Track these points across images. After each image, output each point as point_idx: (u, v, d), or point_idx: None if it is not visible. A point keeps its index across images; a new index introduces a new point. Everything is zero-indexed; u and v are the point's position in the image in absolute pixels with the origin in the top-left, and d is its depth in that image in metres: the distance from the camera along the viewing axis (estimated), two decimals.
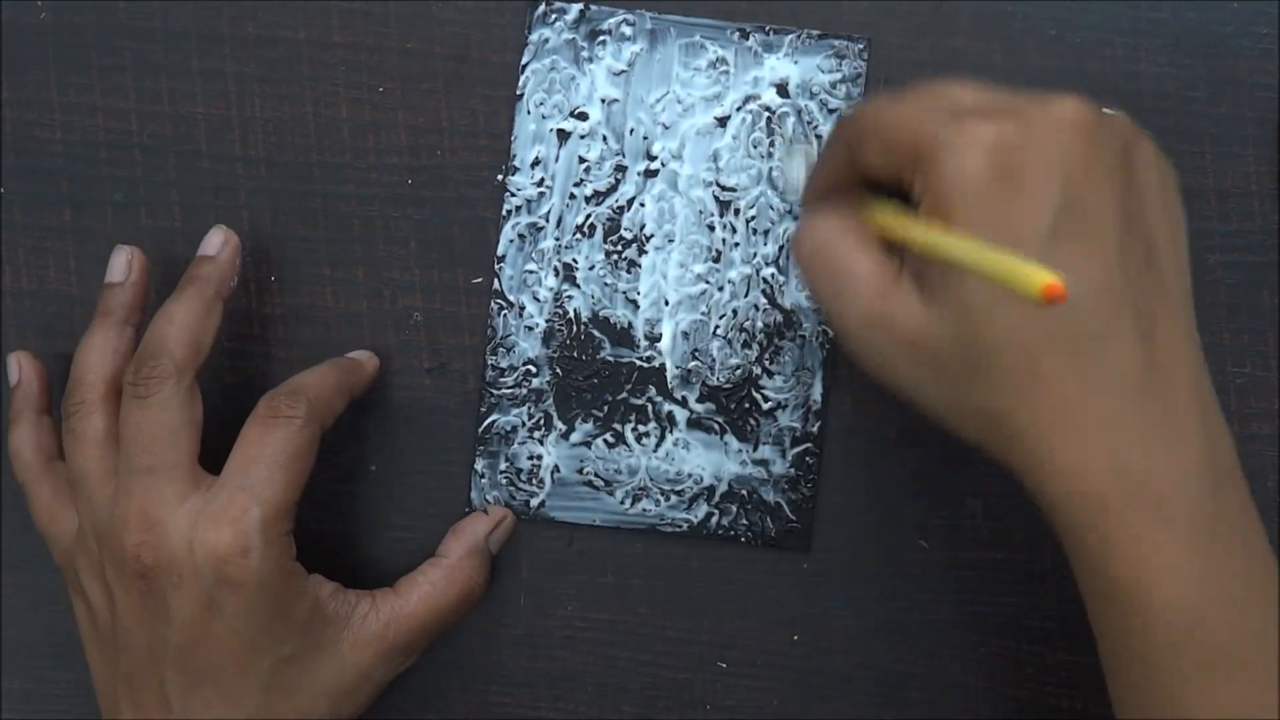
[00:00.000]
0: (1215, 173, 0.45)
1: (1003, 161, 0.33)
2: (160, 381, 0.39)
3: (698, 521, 0.45)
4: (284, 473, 0.39)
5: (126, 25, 0.46)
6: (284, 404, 0.40)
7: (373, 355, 0.45)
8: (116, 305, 0.42)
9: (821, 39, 0.45)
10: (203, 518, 0.38)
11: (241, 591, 0.38)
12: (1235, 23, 0.45)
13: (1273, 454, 0.45)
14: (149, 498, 0.39)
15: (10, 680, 0.46)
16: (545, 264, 0.45)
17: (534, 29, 0.45)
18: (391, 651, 0.41)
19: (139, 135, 0.46)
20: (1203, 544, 0.34)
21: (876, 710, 0.46)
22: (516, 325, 0.45)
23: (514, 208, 0.45)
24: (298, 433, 0.39)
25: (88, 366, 0.41)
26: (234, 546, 0.38)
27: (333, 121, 0.46)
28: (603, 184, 0.45)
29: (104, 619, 0.40)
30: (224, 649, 0.39)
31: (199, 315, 0.41)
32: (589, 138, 0.45)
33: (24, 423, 0.43)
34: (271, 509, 0.39)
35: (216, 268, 0.42)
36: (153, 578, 0.38)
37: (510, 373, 0.45)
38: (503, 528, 0.45)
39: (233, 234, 0.43)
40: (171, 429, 0.39)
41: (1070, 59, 0.45)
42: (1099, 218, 0.33)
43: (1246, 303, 0.45)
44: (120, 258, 0.43)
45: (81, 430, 0.41)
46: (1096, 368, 0.33)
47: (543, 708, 0.46)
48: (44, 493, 0.42)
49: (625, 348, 0.45)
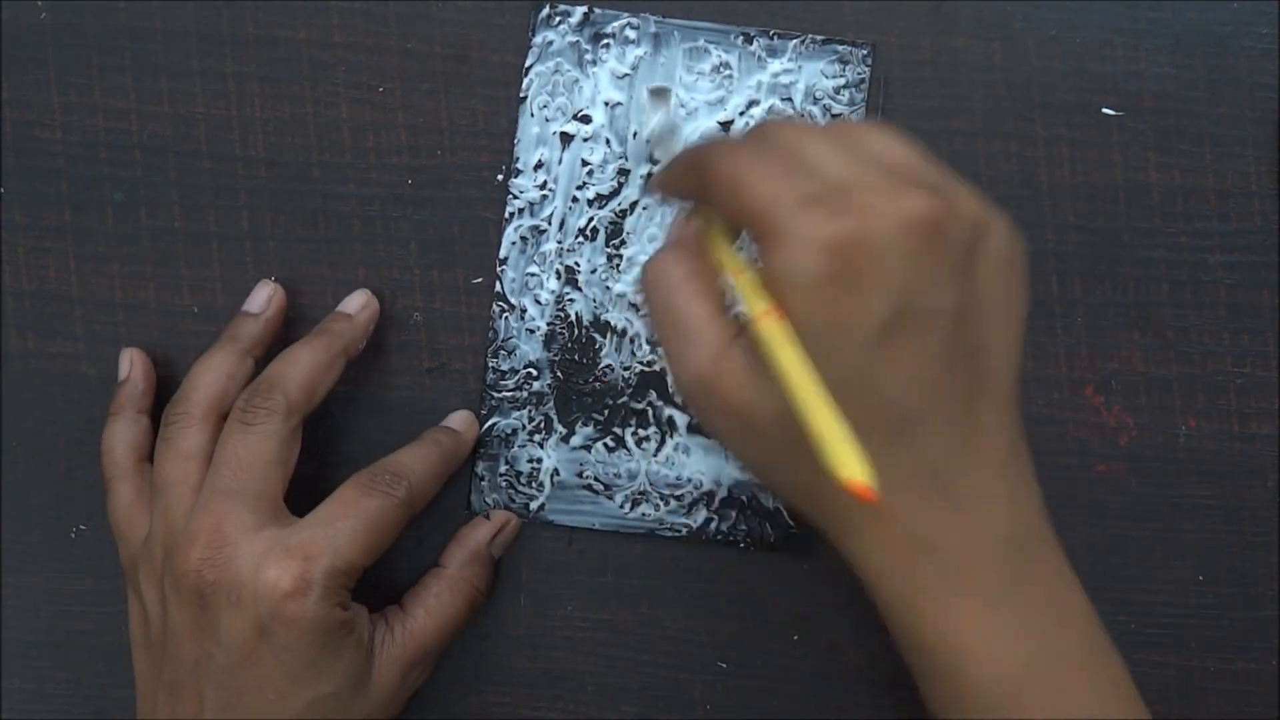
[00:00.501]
0: (1215, 173, 0.45)
1: (841, 262, 0.33)
2: (270, 414, 0.40)
3: (697, 526, 0.45)
4: (366, 536, 0.40)
5: (126, 25, 0.46)
6: (387, 481, 0.41)
7: (473, 421, 0.45)
8: (244, 334, 0.43)
9: (825, 44, 0.45)
10: (277, 547, 0.39)
11: (294, 628, 0.38)
12: (1235, 23, 0.45)
13: (1273, 454, 0.45)
14: (226, 518, 0.39)
15: (10, 680, 0.46)
16: (547, 267, 0.45)
17: (538, 31, 0.45)
18: (410, 669, 0.42)
19: (139, 135, 0.46)
20: (1005, 612, 0.35)
21: (876, 710, 0.46)
22: (518, 328, 0.45)
23: (517, 210, 0.45)
24: (391, 508, 0.40)
25: (199, 383, 0.42)
26: (298, 583, 0.38)
27: (333, 121, 0.45)
28: (605, 187, 0.45)
29: (156, 626, 0.41)
30: (266, 675, 0.39)
31: (322, 365, 0.42)
32: (592, 141, 0.45)
33: (123, 419, 0.44)
34: (342, 562, 0.39)
35: (351, 327, 0.44)
36: (210, 595, 0.39)
37: (511, 375, 0.45)
38: (505, 533, 0.45)
39: (374, 299, 0.45)
40: (267, 461, 0.40)
41: (1070, 59, 0.45)
42: (930, 319, 0.34)
43: (1246, 303, 0.45)
44: (263, 292, 0.44)
45: (177, 441, 0.41)
46: (904, 452, 0.34)
47: (543, 708, 0.46)
48: (127, 491, 0.43)
49: (627, 352, 0.45)
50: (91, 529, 0.46)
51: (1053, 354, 0.45)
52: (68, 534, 0.46)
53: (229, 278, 0.46)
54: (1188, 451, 0.45)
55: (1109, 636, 0.38)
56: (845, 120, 0.44)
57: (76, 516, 0.46)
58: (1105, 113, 0.45)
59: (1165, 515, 0.45)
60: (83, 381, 0.46)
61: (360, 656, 0.40)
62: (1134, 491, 0.45)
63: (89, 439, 0.46)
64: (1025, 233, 0.45)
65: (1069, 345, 0.45)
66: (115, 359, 0.45)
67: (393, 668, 0.41)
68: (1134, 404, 0.45)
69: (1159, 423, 0.45)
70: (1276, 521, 0.45)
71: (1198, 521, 0.46)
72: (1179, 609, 0.45)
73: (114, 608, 0.46)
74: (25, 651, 0.46)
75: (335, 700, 0.40)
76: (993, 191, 0.45)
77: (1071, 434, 0.45)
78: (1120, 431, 0.46)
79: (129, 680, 0.46)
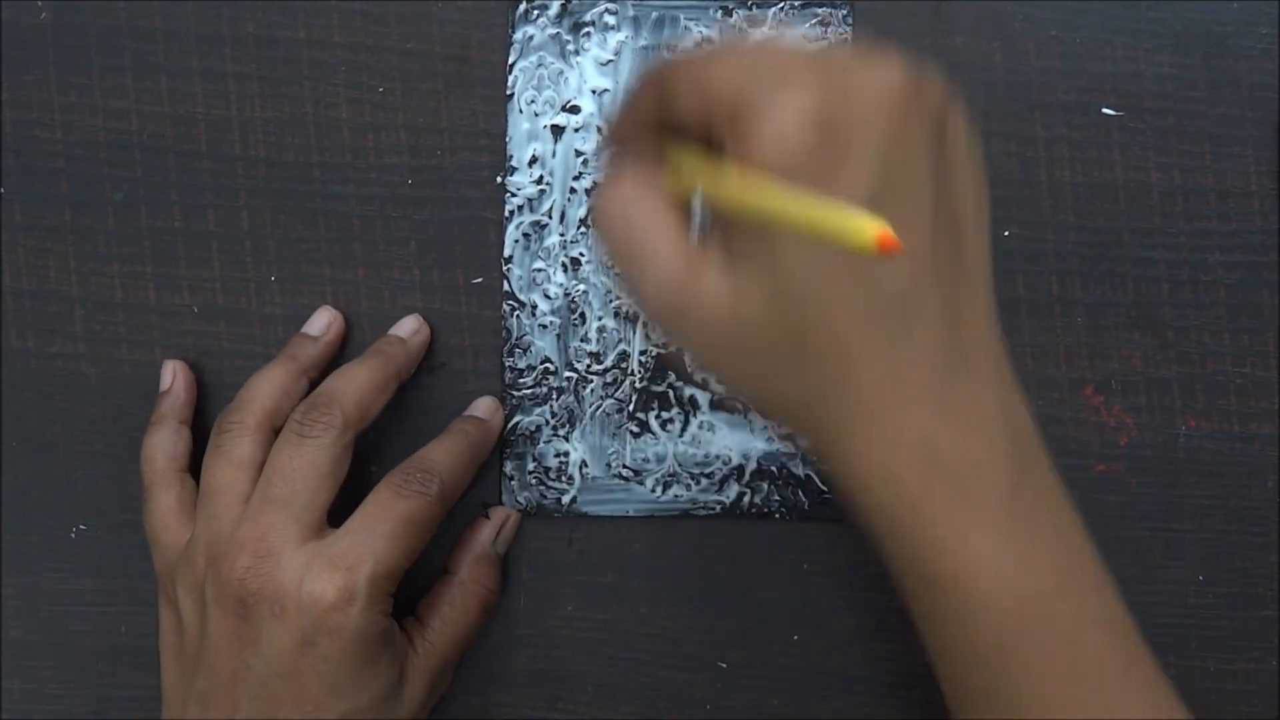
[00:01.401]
0: (1215, 173, 0.45)
1: (823, 127, 0.31)
2: (326, 427, 0.40)
3: (730, 502, 0.45)
4: (406, 539, 0.40)
5: (126, 25, 0.46)
6: (419, 480, 0.41)
7: (497, 407, 0.45)
8: (303, 355, 0.44)
9: (804, 8, 0.45)
10: (319, 559, 0.39)
11: (338, 637, 0.39)
12: (1235, 23, 0.45)
13: (1273, 454, 0.45)
14: (273, 528, 0.39)
15: (10, 680, 0.46)
16: (553, 260, 0.45)
17: (517, 27, 0.45)
18: (434, 678, 0.42)
19: (139, 135, 0.46)
20: (1012, 529, 0.33)
21: (876, 710, 0.46)
22: (530, 324, 0.45)
23: (516, 207, 0.45)
24: (426, 508, 0.40)
25: (256, 395, 0.42)
26: (342, 594, 0.39)
27: (333, 121, 0.45)
28: (601, 175, 0.45)
29: (192, 635, 0.41)
30: (304, 687, 0.39)
31: (377, 385, 0.42)
32: (583, 130, 0.45)
33: (165, 428, 0.44)
34: (384, 568, 0.39)
35: (404, 351, 0.44)
36: (253, 604, 0.39)
37: (529, 372, 0.45)
38: (507, 529, 0.45)
39: (426, 326, 0.45)
40: (320, 473, 0.40)
41: (1070, 59, 0.45)
42: (914, 187, 0.32)
43: (1246, 303, 0.45)
44: (323, 317, 0.45)
45: (229, 449, 0.41)
46: (905, 348, 0.32)
47: (542, 708, 0.46)
48: (166, 499, 0.43)
49: (641, 336, 0.45)
50: (91, 529, 0.46)
51: (1053, 354, 0.45)
52: (68, 534, 0.46)
53: (229, 278, 0.46)
54: (1188, 451, 0.45)
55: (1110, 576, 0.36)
56: None
57: (76, 516, 0.46)
58: (1105, 113, 0.45)
59: (1165, 515, 0.45)
60: (83, 381, 0.46)
61: (396, 669, 0.40)
62: (1134, 491, 0.45)
63: (89, 439, 0.46)
64: (1025, 233, 0.45)
65: (1069, 345, 0.45)
66: (115, 359, 0.46)
67: (420, 680, 0.41)
68: (1134, 404, 0.45)
69: (1159, 423, 0.45)
70: (1276, 521, 0.45)
71: (1198, 521, 0.46)
72: (1179, 609, 0.45)
73: (114, 608, 0.46)
74: (25, 651, 0.46)
75: (368, 713, 0.40)
76: (993, 191, 0.45)
77: (1071, 434, 0.45)
78: (1120, 431, 0.46)
79: (129, 680, 0.46)
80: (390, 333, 0.45)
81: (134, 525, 0.46)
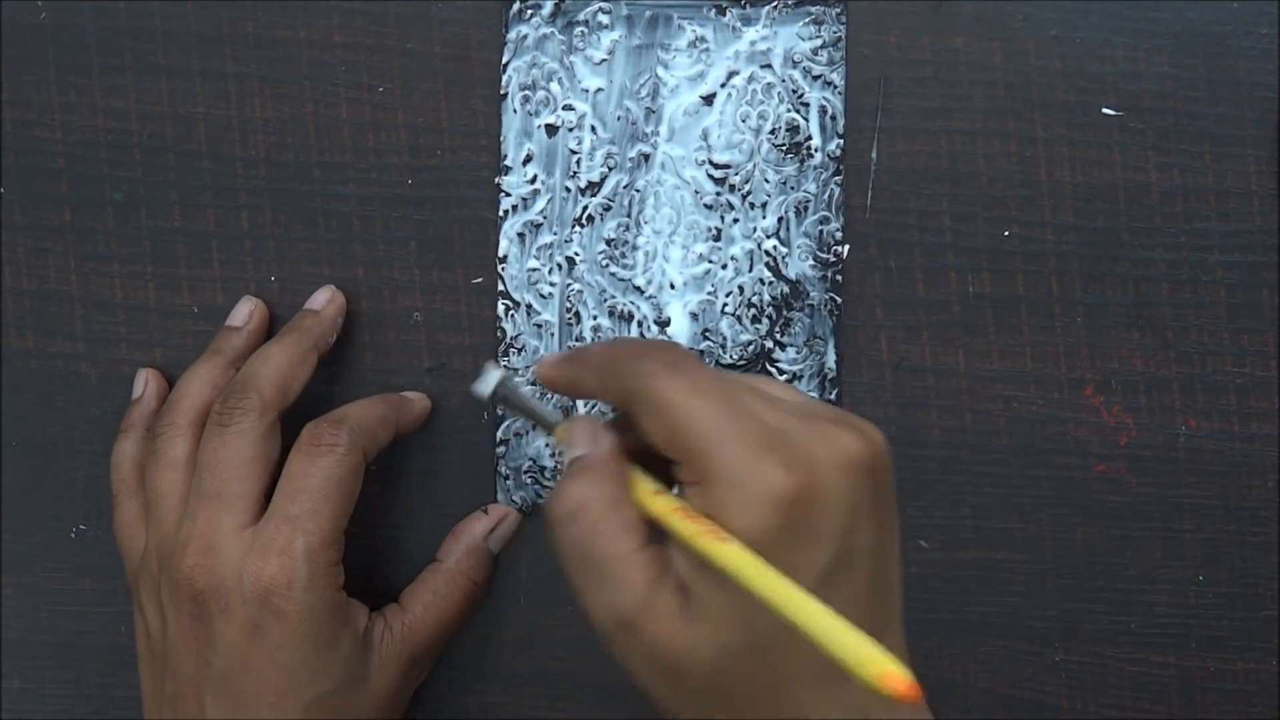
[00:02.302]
0: (1215, 173, 0.45)
1: (794, 515, 0.32)
2: (244, 414, 0.40)
3: None
4: (328, 503, 0.40)
5: (126, 25, 0.46)
6: (326, 433, 0.40)
7: (424, 397, 0.45)
8: (228, 347, 0.44)
9: (798, 6, 0.45)
10: (253, 548, 0.39)
11: (285, 621, 0.39)
12: (1235, 23, 0.45)
13: (1273, 454, 0.45)
14: (210, 524, 0.39)
15: (10, 680, 0.46)
16: (548, 260, 0.45)
17: (511, 27, 0.45)
18: (410, 666, 0.42)
19: (139, 135, 0.46)
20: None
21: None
22: (525, 324, 0.45)
23: (510, 207, 0.45)
24: (339, 461, 0.40)
25: (185, 394, 0.42)
26: (280, 577, 0.39)
27: (333, 121, 0.46)
28: (595, 174, 0.45)
29: (157, 639, 0.41)
30: (263, 677, 0.39)
31: (293, 362, 0.42)
32: (577, 129, 0.45)
33: (132, 437, 0.44)
34: (316, 539, 0.39)
35: (318, 322, 0.44)
36: (203, 601, 0.39)
37: (525, 372, 0.45)
38: (504, 526, 0.45)
39: (339, 294, 0.45)
40: (245, 460, 0.40)
41: (1070, 59, 0.45)
42: (861, 557, 0.34)
43: (1246, 303, 0.45)
44: (245, 307, 0.45)
45: (165, 452, 0.41)
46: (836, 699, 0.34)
47: (542, 708, 0.46)
48: (130, 507, 0.43)
49: (635, 336, 0.45)
50: (91, 529, 0.46)
51: (1053, 354, 0.45)
52: (68, 534, 0.46)
53: (229, 278, 0.46)
54: (1188, 451, 0.45)
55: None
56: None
57: (76, 516, 0.46)
58: (1105, 113, 0.45)
59: (1165, 515, 0.45)
60: (83, 381, 0.46)
61: (357, 651, 0.40)
62: (1134, 491, 0.45)
63: (89, 439, 0.46)
64: (1025, 233, 0.45)
65: (1069, 345, 0.45)
66: (115, 359, 0.46)
67: (393, 665, 0.41)
68: (1134, 404, 0.45)
69: (1159, 423, 0.45)
70: (1276, 521, 0.45)
71: (1198, 521, 0.46)
72: (1179, 609, 0.45)
73: (114, 608, 0.46)
74: (25, 651, 0.46)
75: (335, 698, 0.40)
76: (993, 191, 0.45)
77: (1071, 434, 0.45)
78: (1120, 431, 0.46)
79: (129, 680, 0.46)
80: (305, 306, 0.45)
81: None
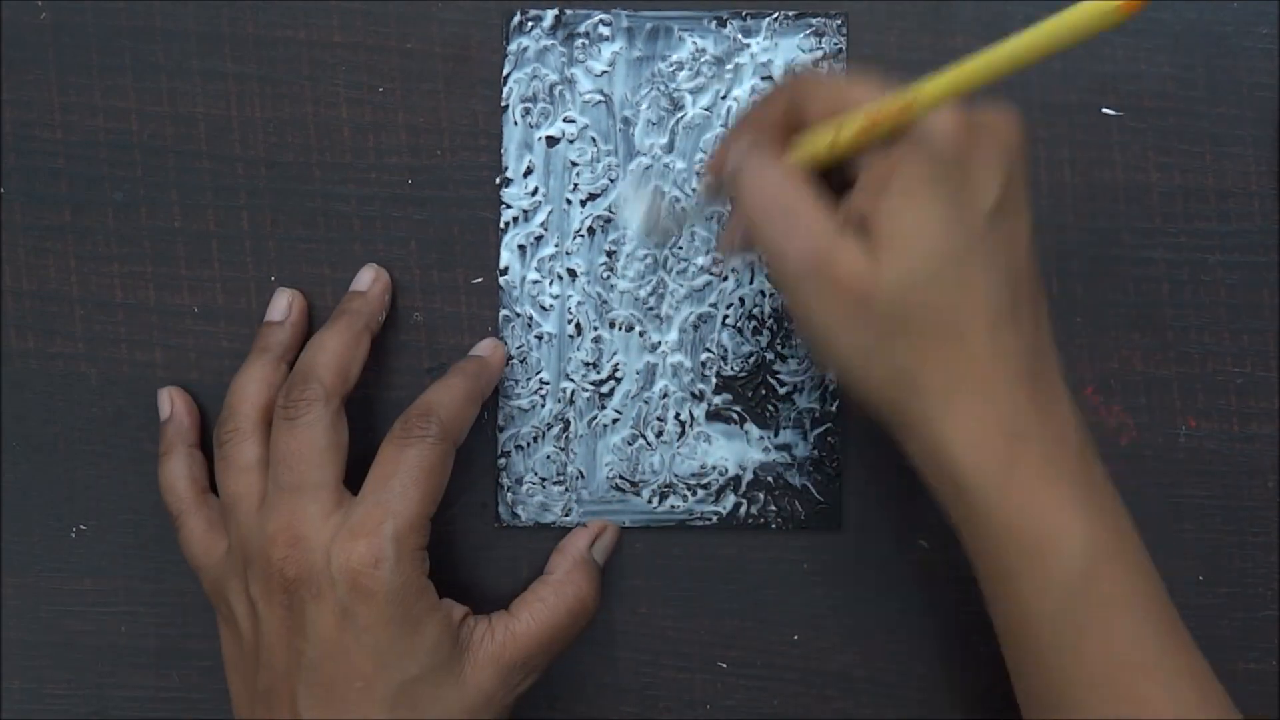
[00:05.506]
0: (1215, 173, 0.45)
1: (973, 139, 0.36)
2: (310, 404, 0.41)
3: (727, 513, 0.45)
4: (417, 488, 0.40)
5: (126, 25, 0.46)
6: (416, 424, 0.41)
7: (498, 343, 0.45)
8: (274, 343, 0.44)
9: (799, 18, 0.45)
10: (341, 532, 0.39)
11: (373, 601, 0.39)
12: (1235, 23, 0.45)
13: (1273, 454, 0.45)
14: (295, 515, 0.40)
15: (10, 680, 0.46)
16: (548, 272, 0.45)
17: (512, 39, 0.45)
18: (510, 670, 0.41)
19: (139, 135, 0.46)
20: (1084, 500, 0.37)
21: (876, 710, 0.46)
22: (525, 336, 0.45)
23: (511, 219, 0.45)
24: (430, 450, 0.41)
25: (243, 397, 0.42)
26: (367, 557, 0.39)
27: (333, 121, 0.46)
28: (596, 186, 0.45)
29: (248, 639, 0.41)
30: (351, 663, 0.39)
31: (348, 345, 0.42)
32: (578, 141, 0.45)
33: (177, 455, 0.44)
34: (404, 522, 0.39)
35: (366, 303, 0.44)
36: (294, 590, 0.39)
37: (525, 383, 0.45)
38: (605, 538, 0.45)
39: (384, 272, 0.45)
40: (318, 449, 0.40)
41: (1070, 59, 0.45)
42: (1024, 209, 0.37)
43: (1246, 303, 0.45)
44: (282, 299, 0.45)
45: (235, 456, 0.42)
46: (1005, 340, 0.37)
47: (542, 708, 0.46)
48: (198, 523, 0.43)
49: (636, 347, 0.45)
50: (91, 529, 0.46)
51: None
52: (68, 534, 0.46)
53: (229, 278, 0.46)
54: (1188, 451, 0.45)
55: None
56: None
57: (76, 516, 0.46)
58: (1105, 113, 0.45)
59: (1165, 515, 0.45)
60: (83, 381, 0.46)
61: (447, 641, 0.40)
62: (1134, 491, 0.45)
63: (89, 439, 0.46)
64: None
65: (1069, 345, 0.45)
66: (115, 359, 0.46)
67: (490, 666, 0.41)
68: (1134, 404, 0.45)
69: (1159, 423, 0.45)
70: (1276, 521, 0.45)
71: (1198, 521, 0.46)
72: (1179, 609, 0.45)
73: (114, 608, 0.46)
74: (25, 651, 0.46)
75: (422, 686, 0.40)
76: None
77: None
78: (1120, 431, 0.46)
79: (129, 680, 0.46)
80: (351, 288, 0.45)
81: (134, 525, 0.46)
